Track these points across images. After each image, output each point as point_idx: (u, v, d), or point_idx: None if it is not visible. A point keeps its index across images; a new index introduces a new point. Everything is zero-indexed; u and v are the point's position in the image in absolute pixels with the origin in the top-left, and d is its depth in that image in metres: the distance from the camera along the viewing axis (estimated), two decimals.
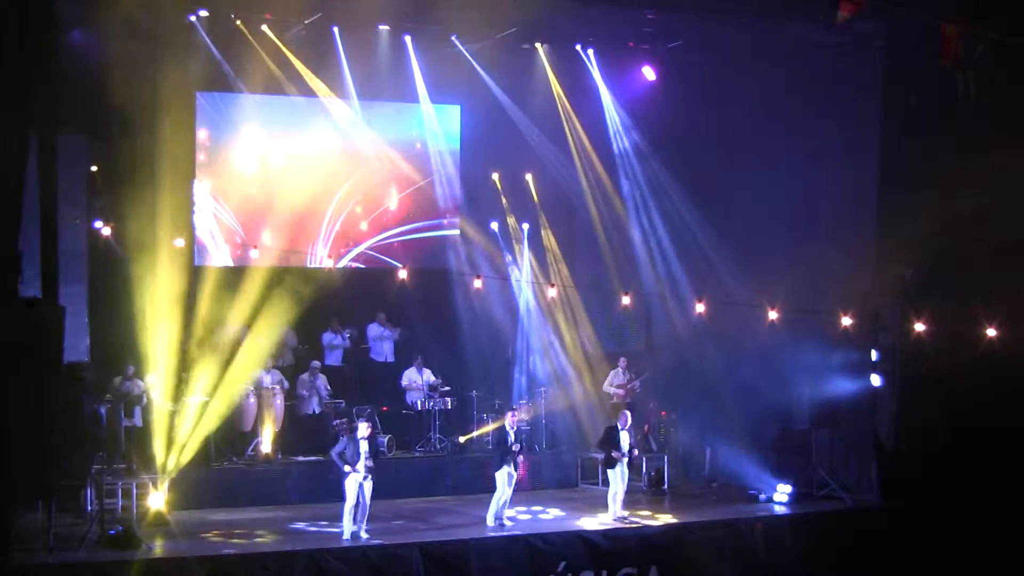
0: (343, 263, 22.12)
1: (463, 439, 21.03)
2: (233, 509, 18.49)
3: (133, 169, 20.50)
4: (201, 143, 21.12)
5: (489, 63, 21.70)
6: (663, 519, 18.25)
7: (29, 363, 13.72)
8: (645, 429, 21.20)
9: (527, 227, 23.46)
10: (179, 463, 18.03)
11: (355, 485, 16.36)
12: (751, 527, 18.08)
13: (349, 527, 16.38)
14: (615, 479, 18.04)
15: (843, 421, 19.66)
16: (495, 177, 23.15)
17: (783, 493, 19.30)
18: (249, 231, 21.33)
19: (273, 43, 20.32)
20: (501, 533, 17.04)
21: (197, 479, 18.62)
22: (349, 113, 21.84)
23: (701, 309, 20.23)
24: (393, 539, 16.45)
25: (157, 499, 17.26)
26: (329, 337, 21.79)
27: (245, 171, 21.50)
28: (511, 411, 17.97)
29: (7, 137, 13.92)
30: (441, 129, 22.75)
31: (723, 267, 20.92)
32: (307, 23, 19.95)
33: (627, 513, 18.01)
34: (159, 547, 15.80)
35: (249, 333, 20.10)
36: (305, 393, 20.56)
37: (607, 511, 18.03)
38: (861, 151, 19.17)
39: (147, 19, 19.47)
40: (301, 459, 19.95)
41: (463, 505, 19.22)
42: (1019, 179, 18.35)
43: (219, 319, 20.07)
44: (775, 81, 20.23)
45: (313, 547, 15.93)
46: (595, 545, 16.92)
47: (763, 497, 19.50)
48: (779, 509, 19.04)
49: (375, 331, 22.27)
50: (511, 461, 17.21)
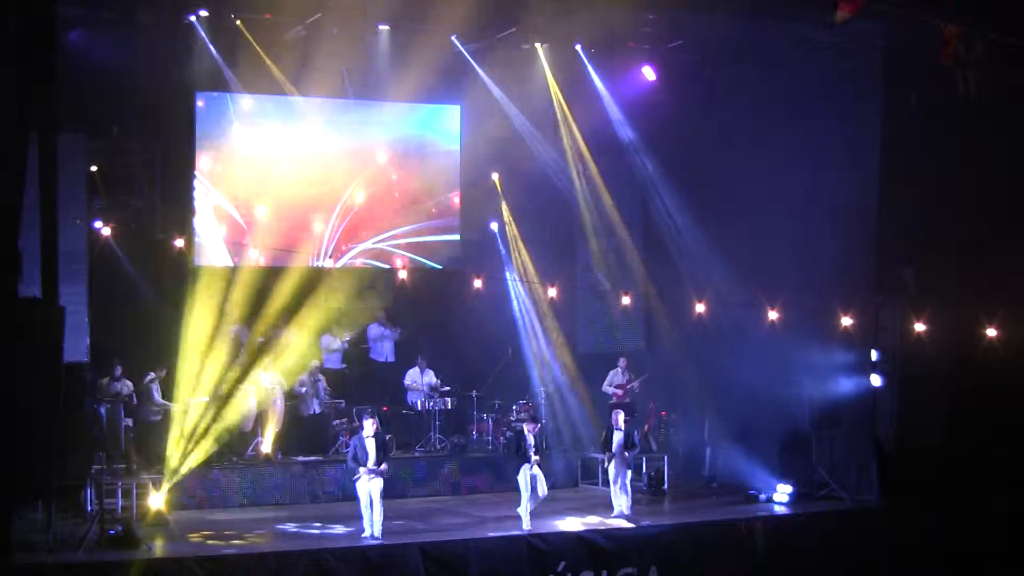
0: (343, 263, 22.11)
1: (463, 439, 21.04)
2: (233, 509, 18.51)
3: (133, 169, 20.55)
4: (201, 143, 21.10)
5: (489, 63, 21.71)
6: (663, 519, 18.25)
7: (29, 363, 13.72)
8: (645, 429, 21.21)
9: (527, 227, 23.50)
10: (186, 463, 18.11)
11: (365, 486, 16.35)
12: (751, 527, 18.08)
13: (369, 526, 16.33)
14: (614, 476, 18.08)
15: (843, 421, 19.67)
16: (495, 177, 23.16)
17: (783, 493, 19.31)
18: (249, 231, 21.31)
19: (273, 43, 20.31)
20: (501, 533, 17.04)
21: (197, 479, 18.63)
22: (349, 113, 21.85)
23: (701, 309, 20.26)
24: (393, 539, 16.43)
25: (157, 499, 17.28)
26: (328, 340, 21.77)
27: (245, 171, 21.48)
28: (532, 421, 18.01)
29: (7, 137, 13.92)
30: (441, 129, 22.76)
31: (723, 267, 20.92)
32: (307, 23, 19.93)
33: (627, 512, 18.00)
34: (159, 547, 15.79)
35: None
36: (305, 393, 20.54)
37: (613, 508, 18.05)
38: (861, 151, 19.17)
39: (147, 19, 19.51)
40: (301, 459, 19.94)
41: (463, 505, 19.23)
42: (1019, 179, 18.39)
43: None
44: (775, 81, 20.22)
45: (313, 547, 15.92)
46: (595, 545, 16.91)
47: (763, 497, 19.50)
48: (779, 509, 19.04)
49: (375, 331, 22.26)
50: (530, 464, 17.21)
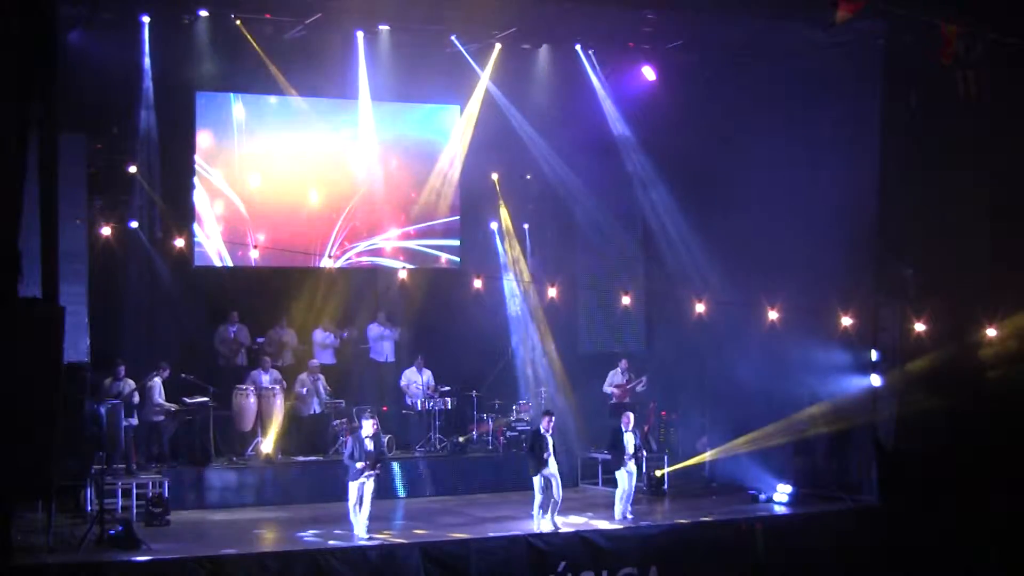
0: (343, 263, 22.11)
1: (462, 439, 21.03)
2: (233, 509, 18.50)
3: (133, 169, 20.54)
4: (201, 143, 21.11)
5: (489, 63, 21.71)
6: (663, 519, 18.24)
7: (29, 363, 13.71)
8: (645, 429, 21.18)
9: (527, 227, 23.50)
10: None
11: (357, 486, 16.35)
12: (751, 527, 18.07)
13: (358, 525, 16.33)
14: (622, 479, 18.02)
15: (843, 421, 19.66)
16: (494, 177, 23.17)
17: (783, 493, 19.31)
18: (249, 231, 21.31)
19: (273, 43, 20.31)
20: (501, 533, 17.03)
21: (197, 479, 18.63)
22: (349, 113, 21.84)
23: (701, 309, 20.25)
24: (393, 539, 16.45)
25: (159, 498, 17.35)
26: (321, 335, 21.77)
27: (245, 171, 21.48)
28: (547, 414, 17.88)
29: (7, 137, 13.91)
30: (441, 129, 22.76)
31: (723, 267, 20.92)
32: (307, 23, 19.93)
33: (631, 516, 17.99)
34: (159, 547, 15.78)
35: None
36: (305, 393, 20.55)
37: (614, 510, 18.00)
38: (861, 151, 19.16)
39: (147, 19, 19.50)
40: (301, 459, 19.94)
41: (463, 505, 19.22)
42: (1020, 179, 18.39)
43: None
44: (775, 81, 20.23)
45: (313, 547, 15.93)
46: (595, 545, 16.90)
47: (763, 497, 19.50)
48: (779, 509, 19.04)
49: (375, 331, 22.26)
50: (546, 464, 17.15)
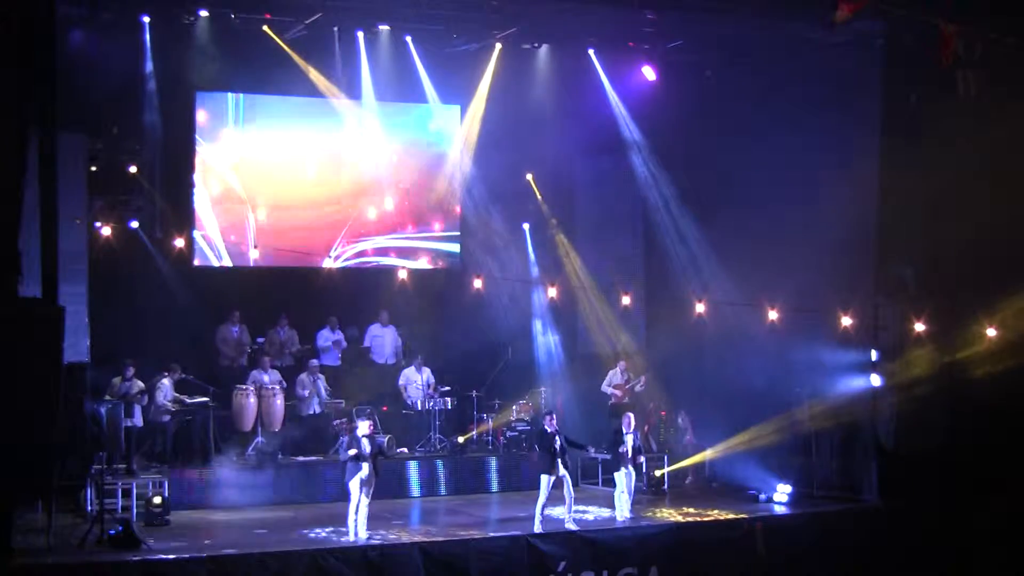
0: (344, 263, 22.11)
1: (462, 439, 21.03)
2: (233, 509, 18.49)
3: (133, 169, 20.55)
4: (201, 143, 21.11)
5: (489, 63, 21.71)
6: (663, 519, 18.25)
7: (29, 363, 13.71)
8: (645, 429, 21.20)
9: (527, 227, 23.49)
10: None
11: (359, 485, 16.35)
12: (751, 527, 18.07)
13: (353, 528, 16.34)
14: (620, 480, 18.02)
15: (843, 421, 19.66)
16: (494, 177, 23.16)
17: (783, 493, 19.30)
18: (249, 231, 21.32)
19: (273, 43, 20.32)
20: (501, 533, 17.03)
21: (197, 479, 18.64)
22: (349, 113, 21.85)
23: (701, 309, 20.24)
24: (393, 539, 16.45)
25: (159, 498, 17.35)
26: (326, 336, 21.78)
27: (245, 171, 21.48)
28: (549, 414, 17.87)
29: (7, 137, 13.91)
30: (441, 129, 22.76)
31: (722, 267, 20.92)
32: (307, 23, 19.94)
33: (629, 514, 17.99)
34: (159, 547, 15.78)
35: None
36: (305, 393, 20.54)
37: (614, 511, 17.99)
38: (861, 151, 19.16)
39: (147, 19, 19.50)
40: (301, 459, 19.94)
41: (463, 505, 19.22)
42: (1019, 179, 18.38)
43: None
44: (775, 81, 20.22)
45: (313, 547, 15.92)
46: (595, 545, 16.89)
47: (763, 497, 19.48)
48: (779, 509, 19.03)
49: (375, 331, 22.25)
50: (556, 464, 17.16)
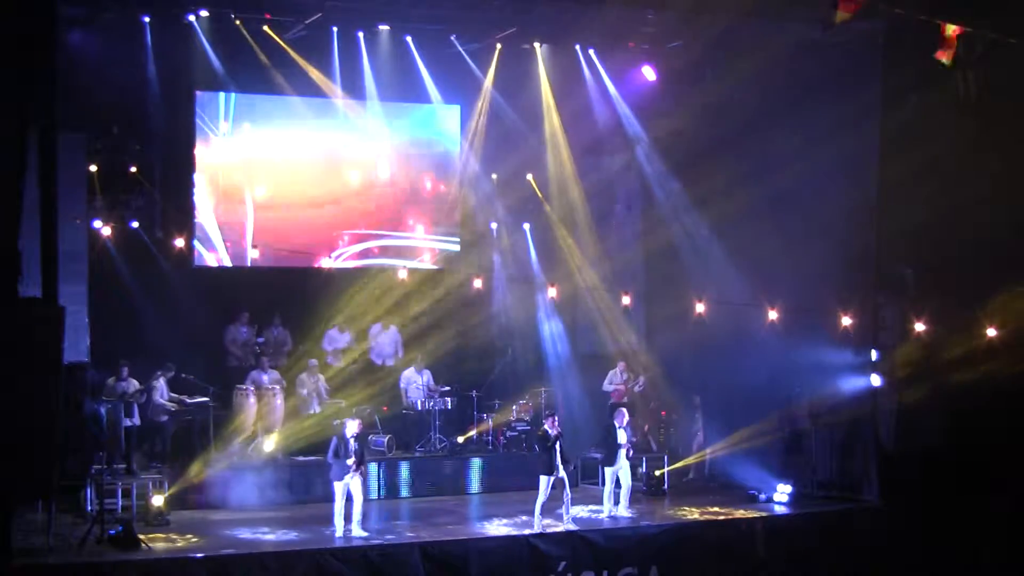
0: (343, 263, 22.11)
1: (462, 439, 21.03)
2: (233, 509, 18.50)
3: (133, 169, 20.55)
4: (201, 143, 21.11)
5: (489, 63, 21.71)
6: (663, 519, 18.25)
7: (29, 363, 13.72)
8: (645, 429, 21.20)
9: (528, 227, 23.49)
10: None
11: (343, 485, 16.42)
12: (751, 527, 18.08)
13: (341, 526, 16.43)
14: (612, 477, 18.02)
15: (843, 421, 19.66)
16: (494, 177, 23.17)
17: (783, 493, 19.30)
18: (249, 231, 21.32)
19: (273, 43, 20.33)
20: (501, 533, 17.04)
21: (197, 479, 18.63)
22: (349, 113, 21.86)
23: (701, 309, 20.24)
24: (393, 539, 16.46)
25: (158, 498, 17.34)
26: (334, 336, 21.77)
27: (245, 171, 21.48)
28: (550, 416, 17.88)
29: (7, 137, 13.93)
30: (441, 129, 22.77)
31: (722, 266, 20.91)
32: (307, 23, 19.94)
33: (629, 514, 18.00)
34: (159, 547, 15.79)
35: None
36: (305, 393, 20.54)
37: (605, 509, 18.01)
38: (861, 151, 19.16)
39: (147, 19, 19.50)
40: (301, 459, 19.94)
41: (463, 505, 19.21)
42: (1019, 179, 18.37)
43: None
44: (775, 81, 20.21)
45: (313, 547, 15.92)
46: (595, 545, 16.90)
47: (763, 497, 19.49)
48: (779, 509, 19.03)
49: (375, 331, 22.25)
50: (555, 464, 17.16)
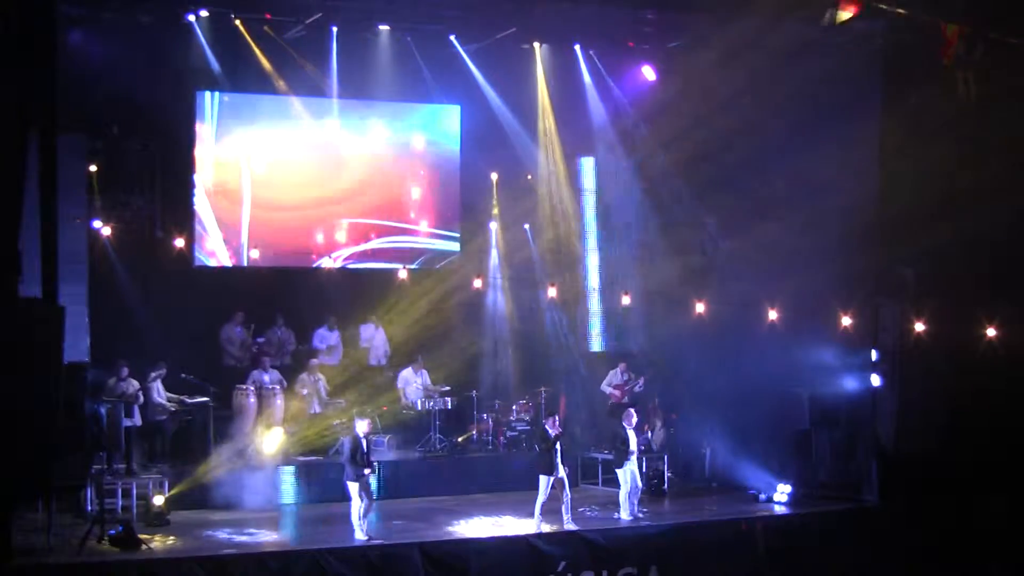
0: (343, 263, 22.11)
1: (462, 439, 21.02)
2: (233, 509, 18.49)
3: (133, 169, 20.55)
4: (201, 143, 21.11)
5: (489, 63, 21.72)
6: (663, 519, 18.25)
7: (29, 363, 13.70)
8: (645, 429, 21.18)
9: (528, 227, 23.49)
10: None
11: (358, 486, 16.38)
12: (751, 527, 18.08)
13: (359, 526, 16.36)
14: (626, 478, 17.99)
15: (843, 421, 19.67)
16: (494, 177, 23.17)
17: (783, 493, 19.30)
18: (249, 231, 21.32)
19: (273, 43, 20.33)
20: (501, 533, 17.03)
21: (197, 479, 18.64)
22: (349, 113, 21.86)
23: (701, 309, 20.23)
24: (393, 539, 16.45)
25: (159, 498, 17.34)
26: (322, 335, 21.78)
27: (244, 171, 21.48)
28: (552, 415, 17.84)
29: (7, 137, 13.91)
30: (441, 129, 22.77)
31: (723, 267, 20.91)
32: (307, 23, 19.94)
33: (642, 515, 17.99)
34: (159, 547, 15.79)
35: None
36: (305, 393, 20.54)
37: (620, 510, 17.99)
38: (861, 151, 19.16)
39: (147, 19, 19.50)
40: (301, 459, 19.94)
41: (463, 505, 19.21)
42: (1019, 179, 18.38)
43: None
44: (775, 81, 20.21)
45: (313, 547, 15.92)
46: (595, 545, 16.90)
47: (763, 497, 19.49)
48: (779, 509, 19.04)
49: (368, 330, 22.25)
50: (556, 464, 17.15)
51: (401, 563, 15.83)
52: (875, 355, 19.53)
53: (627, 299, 21.60)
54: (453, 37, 21.15)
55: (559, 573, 16.57)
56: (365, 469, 16.43)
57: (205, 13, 19.56)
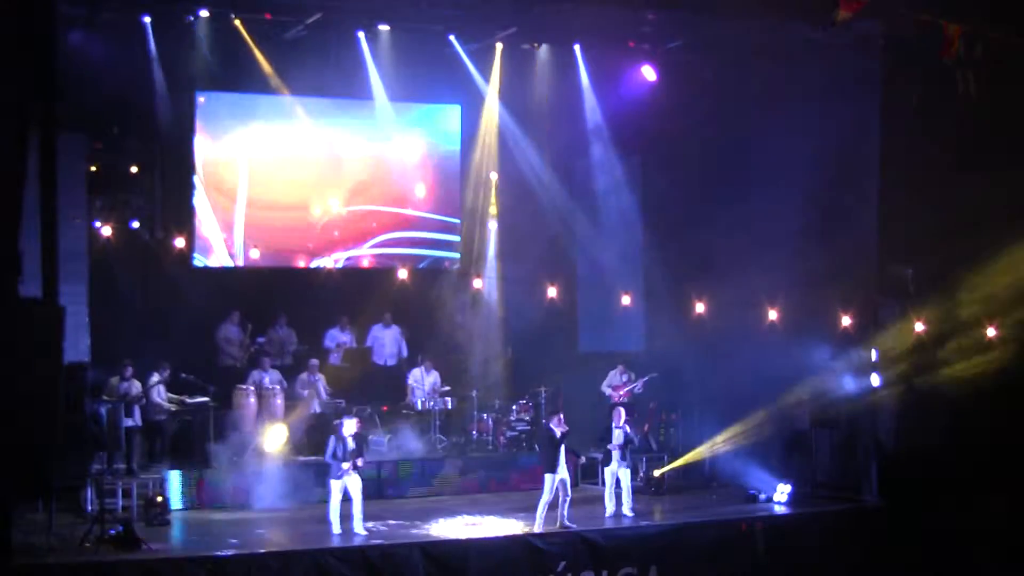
0: (344, 263, 22.11)
1: (462, 439, 21.00)
2: (233, 509, 18.50)
3: (133, 169, 20.55)
4: (201, 143, 21.11)
5: (489, 63, 21.71)
6: (663, 519, 18.25)
7: (29, 363, 13.70)
8: (645, 429, 21.19)
9: (526, 227, 23.48)
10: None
11: (339, 484, 16.49)
12: (751, 527, 18.08)
13: (337, 523, 16.51)
14: (611, 476, 18.02)
15: (843, 421, 19.67)
16: (494, 177, 23.16)
17: (783, 493, 19.29)
18: (249, 231, 21.33)
19: (273, 43, 20.32)
20: (501, 533, 17.03)
21: (197, 479, 18.64)
22: (349, 113, 21.85)
23: (701, 309, 20.22)
24: (393, 539, 16.46)
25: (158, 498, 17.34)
26: (334, 335, 21.77)
27: (245, 171, 21.48)
28: (556, 414, 17.87)
29: (7, 137, 13.91)
30: (441, 129, 22.77)
31: (723, 266, 20.91)
32: (307, 23, 19.94)
33: (631, 513, 18.00)
34: (159, 547, 15.79)
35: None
36: (305, 393, 20.54)
37: (608, 508, 18.01)
38: (861, 151, 19.17)
39: (147, 19, 19.50)
40: (301, 459, 19.93)
41: (463, 505, 19.21)
42: (1019, 179, 18.38)
43: None
44: (775, 81, 20.22)
45: (313, 547, 15.93)
46: (595, 545, 16.90)
47: (763, 497, 19.49)
48: (779, 509, 19.03)
49: (377, 331, 22.25)
50: (558, 464, 17.15)
51: (401, 563, 15.82)
52: (875, 355, 19.54)
53: (627, 299, 21.58)
54: (453, 37, 21.16)
55: (559, 573, 16.56)
56: (344, 464, 16.48)
57: (205, 13, 19.55)
